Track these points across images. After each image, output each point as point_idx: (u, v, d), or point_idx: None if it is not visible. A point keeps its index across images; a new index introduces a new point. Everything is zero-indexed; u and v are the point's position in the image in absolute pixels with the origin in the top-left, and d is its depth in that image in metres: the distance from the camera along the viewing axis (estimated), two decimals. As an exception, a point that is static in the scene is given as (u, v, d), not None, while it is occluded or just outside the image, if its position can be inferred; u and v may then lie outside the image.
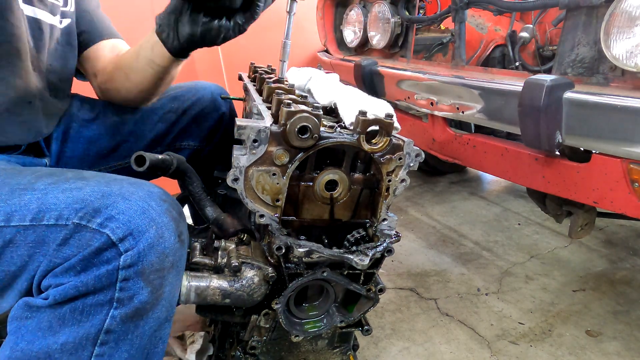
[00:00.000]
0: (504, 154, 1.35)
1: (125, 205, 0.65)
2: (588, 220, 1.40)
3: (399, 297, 1.69)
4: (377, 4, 1.88)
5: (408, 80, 1.55)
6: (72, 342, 0.64)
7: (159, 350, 0.72)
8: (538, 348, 1.43)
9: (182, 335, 1.32)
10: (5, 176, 0.72)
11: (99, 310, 0.64)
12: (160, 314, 0.69)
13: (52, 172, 0.74)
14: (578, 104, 1.01)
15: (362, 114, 0.81)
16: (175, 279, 0.71)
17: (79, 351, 0.64)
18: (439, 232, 2.22)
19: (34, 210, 0.66)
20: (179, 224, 0.71)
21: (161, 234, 0.66)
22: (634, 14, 0.96)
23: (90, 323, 0.64)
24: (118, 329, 0.65)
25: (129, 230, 0.64)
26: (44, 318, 0.64)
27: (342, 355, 1.09)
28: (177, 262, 0.70)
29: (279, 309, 0.90)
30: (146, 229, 0.65)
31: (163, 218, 0.68)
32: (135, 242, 0.64)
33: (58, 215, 0.65)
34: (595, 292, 1.72)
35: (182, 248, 0.71)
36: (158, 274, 0.67)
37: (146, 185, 0.71)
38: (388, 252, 0.89)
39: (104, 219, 0.64)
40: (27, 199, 0.67)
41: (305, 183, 0.88)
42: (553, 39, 1.97)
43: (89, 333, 0.64)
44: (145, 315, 0.67)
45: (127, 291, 0.64)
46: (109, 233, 0.63)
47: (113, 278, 0.63)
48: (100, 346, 0.65)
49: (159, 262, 0.66)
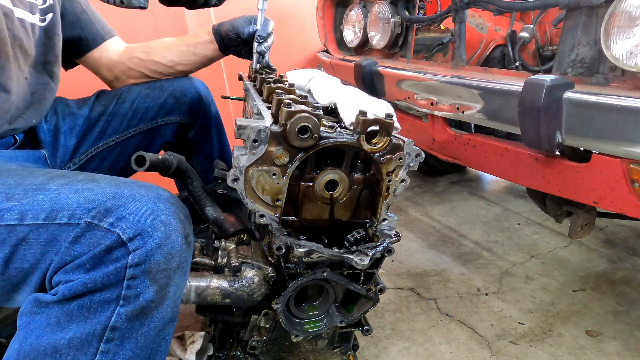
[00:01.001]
0: (504, 154, 1.35)
1: (135, 206, 0.67)
2: (588, 220, 1.40)
3: (399, 297, 1.69)
4: (377, 4, 1.88)
5: (408, 80, 1.55)
6: (78, 337, 0.66)
7: (162, 349, 0.74)
8: (538, 348, 1.43)
9: (182, 335, 1.32)
10: (18, 176, 0.74)
11: (105, 307, 0.66)
12: (165, 313, 0.71)
13: (64, 173, 0.76)
14: (578, 104, 1.01)
15: (362, 114, 0.81)
16: (181, 280, 0.73)
17: (85, 347, 0.66)
18: (439, 232, 2.22)
19: (47, 209, 0.68)
20: (185, 226, 0.73)
21: (169, 235, 0.68)
22: (634, 14, 0.96)
23: (97, 320, 0.66)
24: (124, 326, 0.67)
25: (138, 230, 0.66)
26: (52, 314, 0.66)
27: (342, 355, 1.09)
28: (182, 263, 0.72)
29: (279, 309, 0.90)
30: (155, 229, 0.67)
31: (171, 219, 0.70)
32: (144, 242, 0.66)
33: (70, 215, 0.67)
34: (595, 292, 1.72)
35: (188, 250, 0.73)
36: (164, 273, 0.69)
37: (155, 188, 0.73)
38: (388, 252, 0.89)
39: (115, 218, 0.66)
40: (41, 199, 0.69)
41: (305, 183, 0.88)
42: (553, 39, 1.97)
43: (95, 329, 0.66)
44: (151, 314, 0.69)
45: (134, 289, 0.66)
46: (119, 232, 0.65)
47: (121, 276, 0.65)
48: (105, 343, 0.67)
49: (166, 262, 0.68)
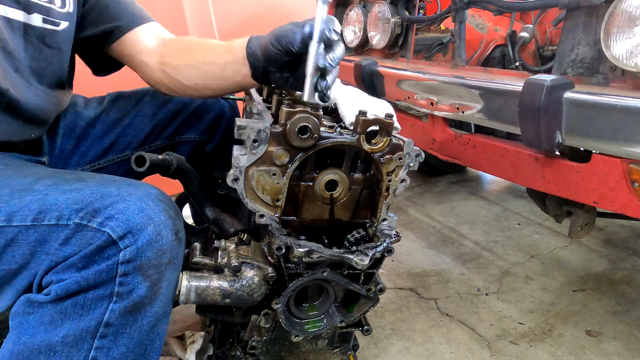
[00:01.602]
0: (504, 154, 1.35)
1: (123, 205, 0.67)
2: (588, 220, 1.40)
3: (399, 297, 1.69)
4: (377, 4, 1.88)
5: (408, 80, 1.55)
6: (72, 334, 0.66)
7: (156, 346, 0.74)
8: (538, 348, 1.43)
9: (182, 335, 1.32)
10: (5, 177, 0.73)
11: (99, 304, 0.66)
12: (158, 309, 0.72)
13: (51, 173, 0.75)
14: (578, 104, 1.01)
15: (362, 114, 0.81)
16: (172, 275, 0.73)
17: (79, 344, 0.66)
18: (439, 232, 2.22)
19: (35, 210, 0.67)
20: (175, 223, 0.73)
21: (159, 232, 0.69)
22: (634, 14, 0.96)
23: (90, 316, 0.66)
24: (117, 322, 0.67)
25: (128, 228, 0.66)
26: (46, 313, 0.66)
27: (342, 355, 1.09)
28: (174, 259, 0.72)
29: (279, 309, 0.90)
30: (144, 227, 0.67)
31: (160, 216, 0.70)
32: (135, 239, 0.66)
33: (59, 216, 0.67)
34: (595, 292, 1.72)
35: (179, 246, 0.74)
36: (156, 269, 0.69)
37: (143, 186, 0.73)
38: (388, 252, 0.89)
39: (104, 218, 0.66)
40: (28, 200, 0.68)
41: (305, 183, 0.88)
42: (553, 39, 1.97)
43: (89, 326, 0.66)
44: (144, 309, 0.70)
45: (127, 285, 0.67)
46: (109, 231, 0.65)
47: (113, 273, 0.66)
48: (99, 339, 0.67)
49: (157, 258, 0.69)
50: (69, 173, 0.77)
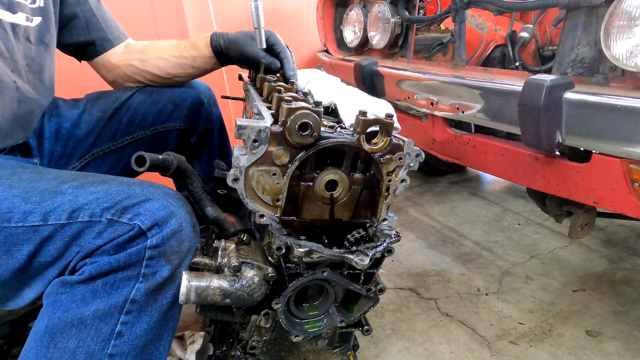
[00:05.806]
0: (504, 154, 1.35)
1: (149, 204, 0.76)
2: (588, 220, 1.40)
3: (399, 297, 1.69)
4: (377, 4, 1.88)
5: (408, 80, 1.55)
6: (102, 309, 0.74)
7: (170, 327, 0.83)
8: (538, 348, 1.43)
9: (182, 335, 1.32)
10: (28, 180, 0.79)
11: (127, 283, 0.75)
12: (175, 292, 0.81)
13: (72, 176, 0.82)
14: (578, 104, 1.01)
15: (362, 114, 0.81)
16: (189, 263, 0.83)
17: (108, 317, 0.74)
18: (439, 232, 2.22)
19: (68, 210, 0.74)
20: (192, 217, 0.83)
21: (180, 224, 0.78)
22: (634, 14, 0.96)
23: (119, 294, 0.75)
24: (142, 299, 0.76)
25: (155, 221, 0.75)
26: (78, 292, 0.74)
27: (342, 355, 1.09)
28: (192, 248, 0.83)
29: (279, 309, 0.90)
30: (168, 219, 0.76)
31: (181, 211, 0.79)
32: (160, 230, 0.75)
33: (91, 213, 0.74)
34: (595, 292, 1.72)
35: (196, 237, 0.84)
36: (177, 255, 0.79)
37: (162, 187, 0.82)
38: (388, 252, 0.88)
39: (133, 214, 0.75)
40: (60, 201, 0.75)
41: (305, 183, 0.88)
42: (553, 39, 1.97)
43: (117, 302, 0.74)
44: (164, 290, 0.79)
45: (152, 268, 0.76)
46: (139, 223, 0.74)
47: (141, 256, 0.75)
48: (125, 314, 0.75)
49: (178, 245, 0.78)
50: (90, 176, 0.83)
